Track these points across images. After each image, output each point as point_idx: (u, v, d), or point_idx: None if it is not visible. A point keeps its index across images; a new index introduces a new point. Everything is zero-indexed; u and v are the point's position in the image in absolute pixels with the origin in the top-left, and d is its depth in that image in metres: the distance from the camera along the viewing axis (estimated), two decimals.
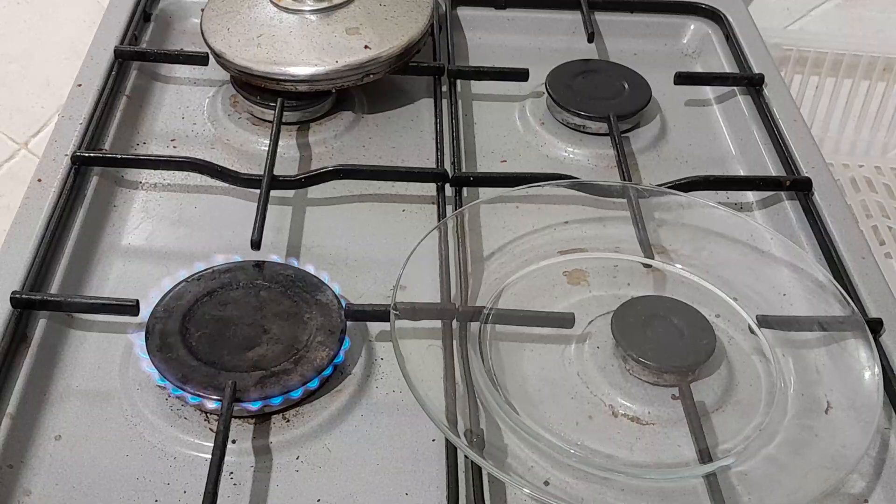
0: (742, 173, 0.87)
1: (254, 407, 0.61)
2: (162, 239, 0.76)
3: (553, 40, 1.01)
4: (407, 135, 0.88)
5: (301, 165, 0.84)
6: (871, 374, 0.64)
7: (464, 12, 1.03)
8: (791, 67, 1.28)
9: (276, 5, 0.88)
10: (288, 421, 0.63)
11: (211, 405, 0.61)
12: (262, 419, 0.63)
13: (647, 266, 0.74)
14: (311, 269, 0.70)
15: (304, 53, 0.84)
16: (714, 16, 1.03)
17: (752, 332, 0.69)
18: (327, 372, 0.64)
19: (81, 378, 0.65)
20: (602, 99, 0.89)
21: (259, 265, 0.70)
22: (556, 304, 0.70)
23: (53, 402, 0.63)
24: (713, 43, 1.01)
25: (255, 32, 0.86)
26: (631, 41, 1.02)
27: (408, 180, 0.81)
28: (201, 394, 0.61)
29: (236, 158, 0.83)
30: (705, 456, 0.61)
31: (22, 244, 0.70)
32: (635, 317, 0.67)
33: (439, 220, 0.75)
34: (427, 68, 0.91)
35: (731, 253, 0.74)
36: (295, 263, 0.71)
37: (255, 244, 0.70)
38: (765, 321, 0.69)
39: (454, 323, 0.67)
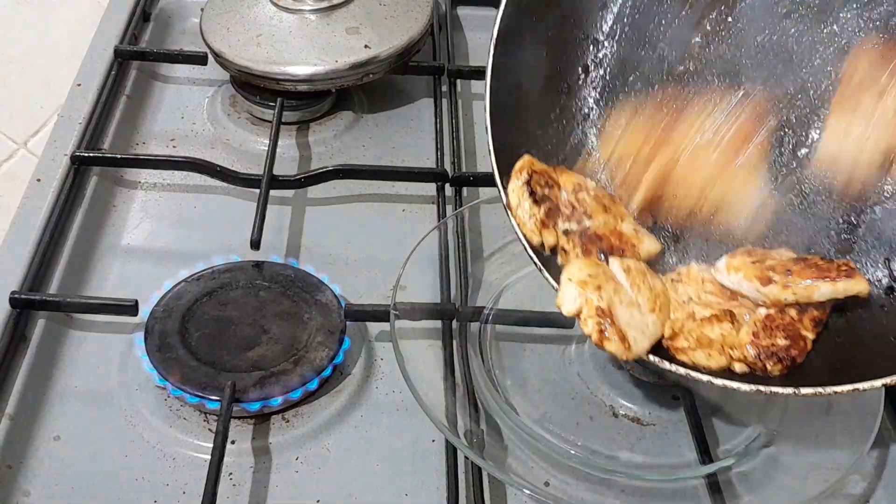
0: None
1: (253, 407, 0.61)
2: (161, 239, 0.76)
3: None
4: (407, 135, 0.88)
5: (301, 165, 0.84)
6: None
7: (464, 12, 1.02)
8: None
9: (276, 5, 0.88)
10: (287, 421, 0.63)
11: (210, 405, 0.61)
12: (261, 419, 0.63)
13: None
14: (310, 269, 0.70)
15: (303, 53, 0.84)
16: None
17: None
18: (327, 372, 0.64)
19: (80, 378, 0.65)
20: None
21: (259, 265, 0.70)
22: None
23: (52, 402, 0.63)
24: None
25: (255, 32, 0.86)
26: None
27: (408, 180, 0.81)
28: (200, 394, 0.61)
29: (236, 158, 0.83)
30: (706, 456, 0.61)
31: (21, 244, 0.70)
32: None
33: (439, 220, 0.75)
34: (427, 68, 0.91)
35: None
36: (295, 263, 0.71)
37: (255, 244, 0.70)
38: None
39: (454, 323, 0.67)
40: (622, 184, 0.63)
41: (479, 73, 0.92)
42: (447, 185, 0.79)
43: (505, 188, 0.60)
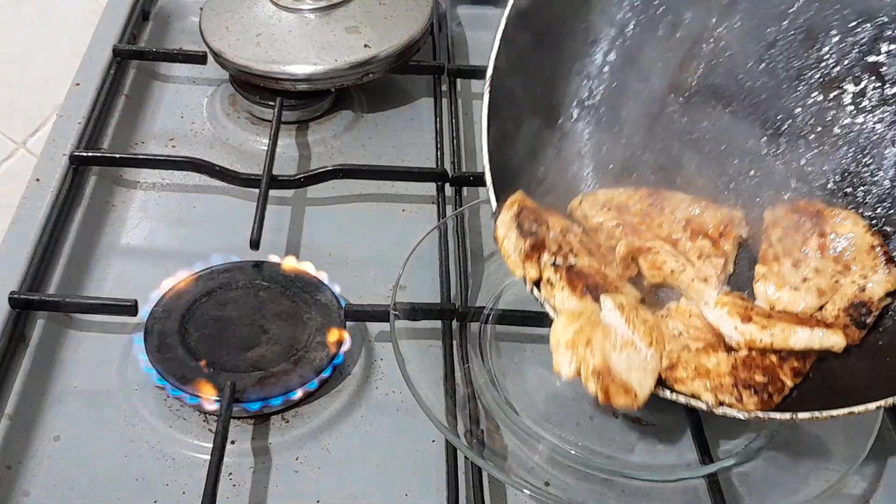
0: None
1: (253, 408, 0.61)
2: (161, 239, 0.76)
3: None
4: (407, 134, 0.88)
5: (300, 165, 0.84)
6: None
7: (464, 11, 1.02)
8: None
9: (276, 4, 0.88)
10: (287, 421, 0.63)
11: (210, 406, 0.61)
12: (261, 420, 0.63)
13: None
14: (310, 268, 0.70)
15: (303, 52, 0.84)
16: None
17: None
18: (327, 372, 0.64)
19: (80, 378, 0.65)
20: None
21: (258, 265, 0.70)
22: None
23: (52, 402, 0.63)
24: None
25: (254, 31, 0.86)
26: None
27: (408, 180, 0.81)
28: (200, 394, 0.61)
29: (235, 158, 0.83)
30: (706, 457, 0.61)
31: (20, 244, 0.70)
32: None
33: (439, 220, 0.75)
34: (427, 67, 0.91)
35: None
36: (294, 263, 0.71)
37: (254, 244, 0.70)
38: None
39: (454, 323, 0.67)
40: (610, 233, 0.64)
41: (479, 73, 0.92)
42: (447, 185, 0.79)
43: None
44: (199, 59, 0.89)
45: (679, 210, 0.64)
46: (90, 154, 0.79)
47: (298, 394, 0.62)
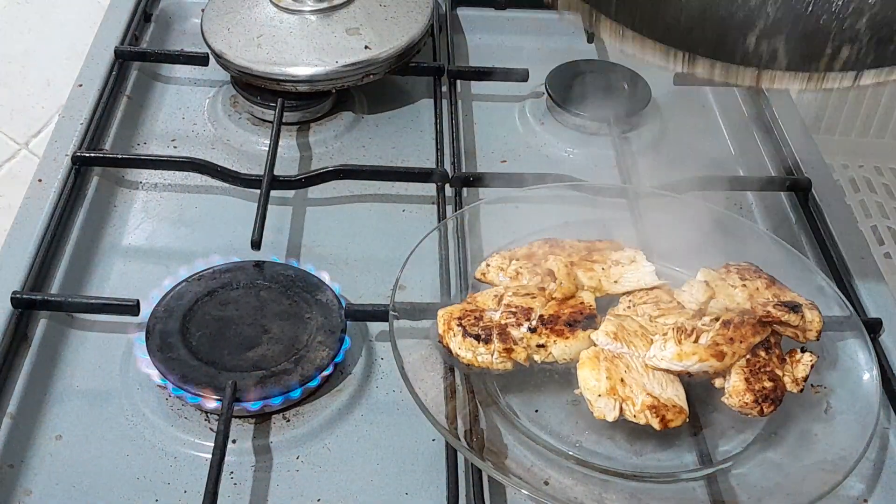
0: (742, 174, 0.87)
1: (254, 407, 0.62)
2: (162, 239, 0.76)
3: (553, 40, 1.01)
4: (407, 135, 0.88)
5: (301, 165, 0.84)
6: (869, 377, 0.64)
7: (464, 12, 1.03)
8: None
9: (277, 6, 0.88)
10: (288, 421, 0.63)
11: (211, 405, 0.62)
12: (262, 419, 0.63)
13: None
14: (311, 268, 0.70)
15: (304, 54, 0.84)
16: None
17: None
18: (327, 371, 0.64)
19: (82, 378, 0.65)
20: (602, 99, 0.89)
21: (259, 265, 0.70)
22: None
23: (54, 401, 0.63)
24: None
25: (256, 33, 0.86)
26: None
27: (408, 180, 0.81)
28: (201, 394, 0.62)
29: (236, 158, 0.84)
30: (705, 458, 0.61)
31: (22, 244, 0.70)
32: None
33: (439, 221, 0.75)
34: (427, 68, 0.91)
35: (729, 255, 0.74)
36: (295, 263, 0.71)
37: (255, 244, 0.70)
38: None
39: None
40: (532, 271, 0.67)
41: (478, 74, 0.92)
42: (447, 186, 0.79)
43: None
44: (201, 60, 0.90)
45: (576, 247, 0.69)
46: (92, 155, 0.79)
47: (299, 393, 0.63)
